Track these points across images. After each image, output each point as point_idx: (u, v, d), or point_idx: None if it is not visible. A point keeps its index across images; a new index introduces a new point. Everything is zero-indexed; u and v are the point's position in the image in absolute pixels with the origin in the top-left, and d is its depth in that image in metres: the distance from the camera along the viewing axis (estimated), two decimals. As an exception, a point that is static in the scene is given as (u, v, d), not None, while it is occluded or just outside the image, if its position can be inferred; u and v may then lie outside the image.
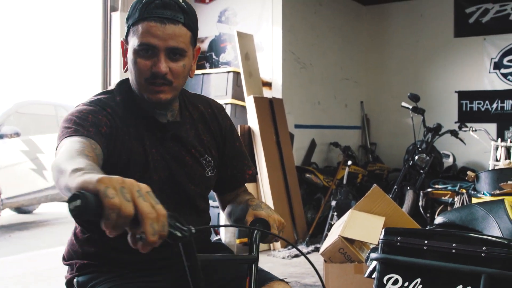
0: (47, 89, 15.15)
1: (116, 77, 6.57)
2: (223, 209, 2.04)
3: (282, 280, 1.82)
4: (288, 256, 5.86)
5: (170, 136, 1.83)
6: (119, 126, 1.74)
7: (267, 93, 7.22)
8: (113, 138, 1.69)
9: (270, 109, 6.76)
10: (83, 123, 1.62)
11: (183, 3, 1.72)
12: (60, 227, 8.20)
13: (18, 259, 5.97)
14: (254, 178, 6.13)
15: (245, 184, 2.07)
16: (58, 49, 17.14)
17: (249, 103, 6.55)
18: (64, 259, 1.92)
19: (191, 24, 1.73)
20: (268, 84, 7.40)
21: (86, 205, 1.02)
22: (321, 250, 3.83)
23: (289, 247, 6.12)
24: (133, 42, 1.70)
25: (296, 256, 5.87)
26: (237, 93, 6.79)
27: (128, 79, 1.84)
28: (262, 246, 6.14)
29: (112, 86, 1.85)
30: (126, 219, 1.04)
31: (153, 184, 1.47)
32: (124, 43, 1.80)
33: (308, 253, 6.00)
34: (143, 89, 1.73)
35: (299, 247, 6.07)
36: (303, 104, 8.07)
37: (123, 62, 1.81)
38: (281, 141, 6.75)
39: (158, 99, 1.73)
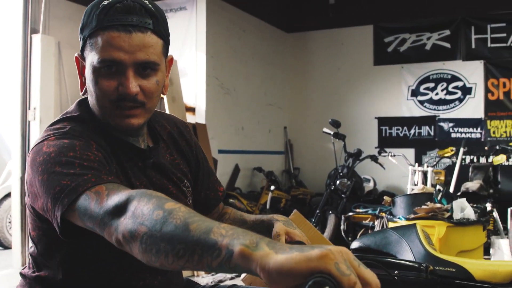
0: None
1: (36, 102, 6.40)
2: None
3: None
4: (212, 282, 5.80)
5: (151, 164, 1.56)
6: (108, 161, 1.42)
7: (190, 118, 7.20)
8: None
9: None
10: (91, 164, 1.28)
11: (149, 5, 1.41)
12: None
13: None
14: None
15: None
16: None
17: (173, 128, 6.51)
18: None
19: (162, 30, 1.43)
20: (192, 110, 7.39)
21: None
22: (242, 275, 3.82)
23: (213, 272, 6.07)
24: (92, 58, 1.38)
25: (220, 281, 5.83)
26: (161, 118, 6.72)
27: (86, 99, 1.53)
28: (185, 272, 6.06)
29: (72, 108, 1.52)
30: None
31: None
32: (80, 59, 1.48)
33: (232, 278, 5.97)
34: (109, 114, 1.42)
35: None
36: (227, 129, 8.10)
37: (80, 82, 1.49)
38: (205, 166, 6.71)
39: (128, 125, 1.43)
